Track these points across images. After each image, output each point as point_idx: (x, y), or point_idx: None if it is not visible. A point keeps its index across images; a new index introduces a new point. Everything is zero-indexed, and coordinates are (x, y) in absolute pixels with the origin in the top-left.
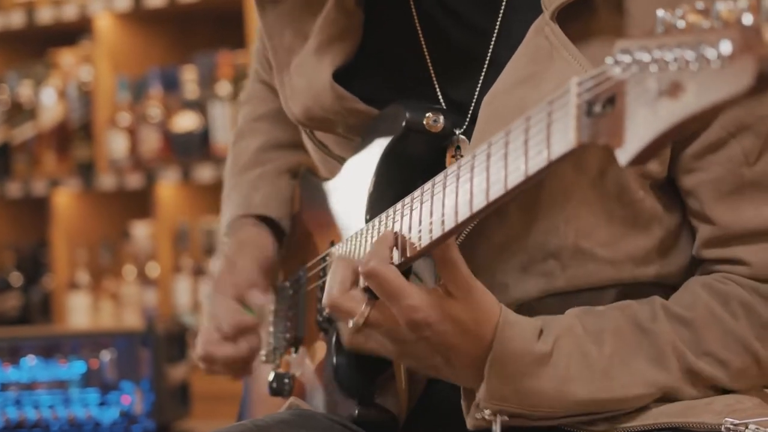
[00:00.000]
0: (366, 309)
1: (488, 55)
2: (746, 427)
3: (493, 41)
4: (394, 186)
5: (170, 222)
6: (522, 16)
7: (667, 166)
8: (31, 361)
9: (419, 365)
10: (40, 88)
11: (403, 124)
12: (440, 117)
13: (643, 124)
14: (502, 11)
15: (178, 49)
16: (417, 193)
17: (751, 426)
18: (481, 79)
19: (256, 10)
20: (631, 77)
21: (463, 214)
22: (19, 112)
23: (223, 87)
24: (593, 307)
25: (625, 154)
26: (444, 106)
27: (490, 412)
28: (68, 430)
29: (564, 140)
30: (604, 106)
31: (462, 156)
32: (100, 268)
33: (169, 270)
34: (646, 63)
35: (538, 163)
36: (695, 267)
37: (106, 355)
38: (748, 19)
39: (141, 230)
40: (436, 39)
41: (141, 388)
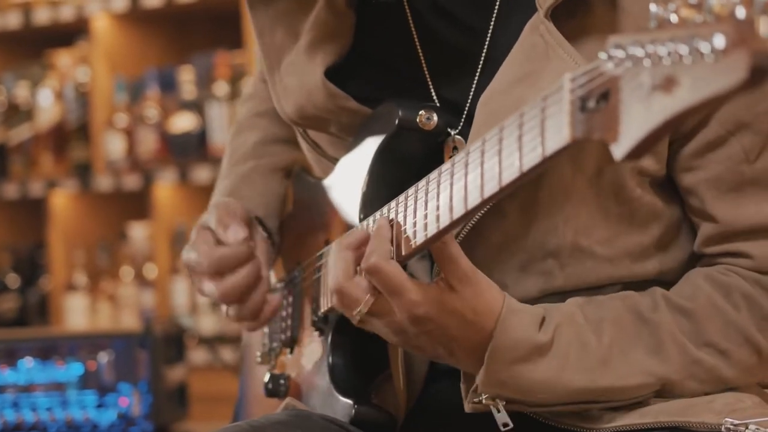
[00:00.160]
0: (370, 299)
1: (482, 55)
2: (746, 427)
3: (488, 41)
4: (387, 184)
5: (168, 223)
6: (516, 16)
7: (665, 164)
8: (28, 363)
9: (422, 354)
10: (37, 89)
11: (396, 122)
12: (433, 115)
13: (637, 119)
14: (496, 11)
15: (175, 49)
16: (411, 190)
17: (751, 426)
18: (476, 79)
19: (247, 9)
20: (624, 72)
21: (458, 212)
22: (16, 113)
23: (221, 87)
24: (595, 297)
25: (620, 148)
26: (438, 105)
27: (488, 396)
28: None
29: (558, 136)
30: (598, 102)
31: None
32: (97, 270)
33: (167, 271)
34: (640, 58)
35: (532, 159)
36: (695, 262)
37: (104, 357)
38: (741, 13)
39: (138, 231)
40: (430, 39)
41: (139, 389)
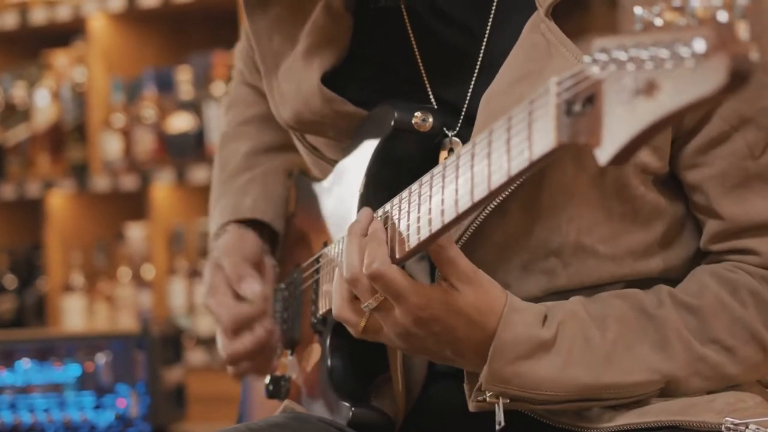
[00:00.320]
0: (381, 294)
1: (480, 56)
2: (747, 427)
3: (485, 41)
4: (385, 186)
5: (165, 224)
6: (513, 16)
7: (668, 162)
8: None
9: (429, 357)
10: (34, 90)
11: (392, 124)
12: (429, 116)
13: (621, 124)
14: (494, 11)
15: (173, 49)
16: (405, 193)
17: (752, 426)
18: (474, 80)
19: (245, 15)
20: (608, 76)
21: (449, 215)
22: (13, 114)
23: (218, 87)
24: (598, 294)
25: (604, 153)
26: (435, 106)
27: (492, 394)
28: None
29: (544, 140)
30: (584, 105)
31: None
32: (94, 271)
33: (164, 272)
34: (623, 62)
35: (520, 163)
36: (700, 260)
37: (101, 358)
38: (722, 17)
39: (136, 232)
40: (428, 41)
41: (136, 391)
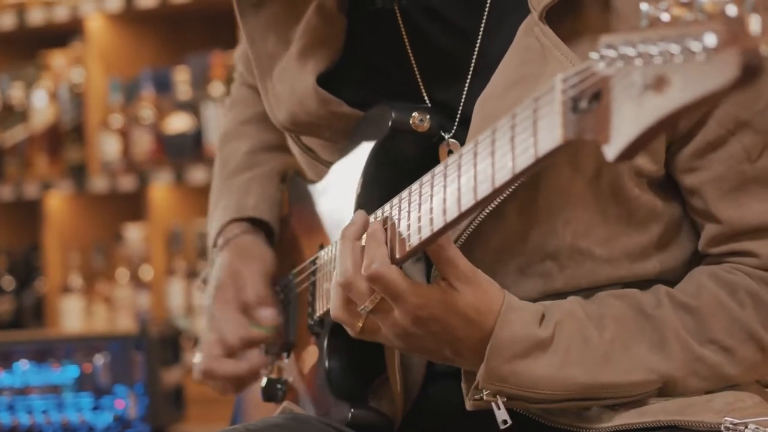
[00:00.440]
0: (377, 296)
1: (474, 57)
2: (746, 427)
3: (479, 43)
4: (382, 187)
5: (163, 224)
6: (507, 18)
7: (663, 165)
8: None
9: (428, 357)
10: (32, 90)
11: (390, 124)
12: (426, 116)
13: (629, 119)
14: (487, 13)
15: (171, 49)
16: (405, 193)
17: (751, 425)
18: (468, 82)
19: (237, 16)
20: (616, 72)
21: (452, 214)
22: (11, 115)
23: (217, 88)
24: (596, 294)
25: (612, 149)
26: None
27: (489, 392)
28: None
29: (550, 137)
30: (590, 102)
31: None
32: (93, 272)
33: (163, 273)
34: (631, 57)
35: (525, 160)
36: (696, 261)
37: (100, 359)
38: (732, 11)
39: (134, 233)
40: (422, 43)
41: (135, 392)
